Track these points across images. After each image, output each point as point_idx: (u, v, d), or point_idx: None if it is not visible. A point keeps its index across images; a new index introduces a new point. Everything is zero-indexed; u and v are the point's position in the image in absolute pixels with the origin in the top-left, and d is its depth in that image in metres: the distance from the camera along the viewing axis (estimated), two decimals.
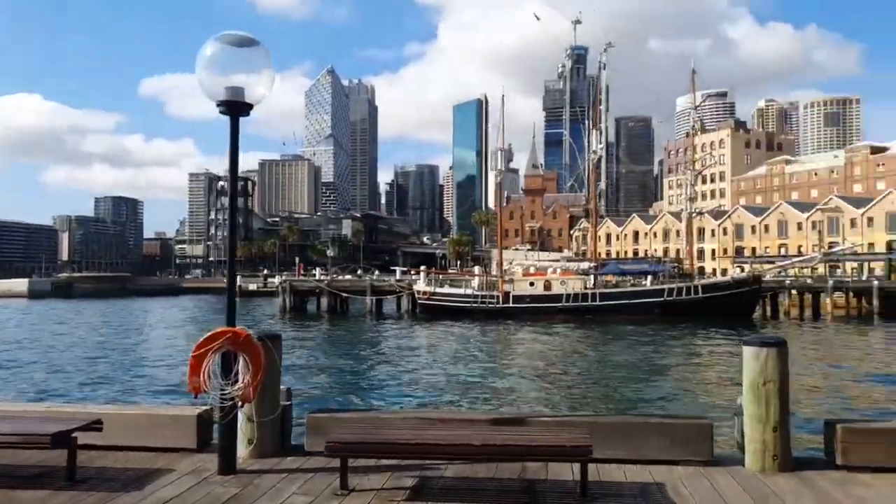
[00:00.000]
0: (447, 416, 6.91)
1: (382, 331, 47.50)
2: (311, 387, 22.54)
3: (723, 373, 26.47)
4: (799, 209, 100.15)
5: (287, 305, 60.44)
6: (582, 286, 55.73)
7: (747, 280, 54.28)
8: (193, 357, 5.30)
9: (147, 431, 6.07)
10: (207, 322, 53.13)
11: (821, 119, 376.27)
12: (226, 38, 5.22)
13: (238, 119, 5.45)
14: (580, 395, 21.85)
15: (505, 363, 29.91)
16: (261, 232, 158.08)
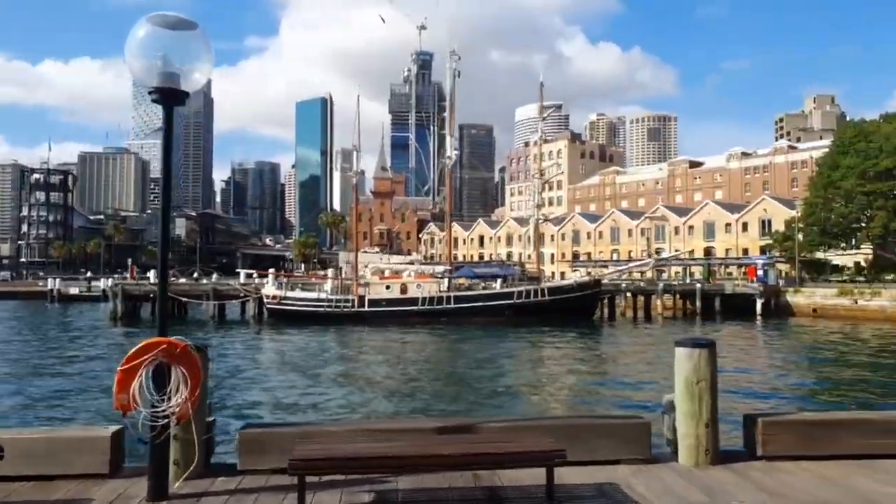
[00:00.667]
0: (392, 426, 6.71)
1: (227, 339, 44.42)
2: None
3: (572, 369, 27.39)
4: (629, 217, 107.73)
5: (118, 311, 54.95)
6: (437, 289, 55.89)
7: (589, 283, 57.09)
8: (122, 371, 4.77)
9: (53, 457, 5.45)
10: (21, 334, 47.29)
11: (644, 134, 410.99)
12: (159, 20, 4.83)
13: (172, 108, 5.03)
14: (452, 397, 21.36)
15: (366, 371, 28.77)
16: (83, 231, 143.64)
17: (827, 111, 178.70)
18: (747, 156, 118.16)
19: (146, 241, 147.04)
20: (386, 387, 24.11)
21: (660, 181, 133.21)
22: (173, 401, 4.90)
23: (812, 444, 5.91)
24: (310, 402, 21.05)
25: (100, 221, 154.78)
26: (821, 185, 58.96)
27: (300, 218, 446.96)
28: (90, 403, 20.02)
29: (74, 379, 25.19)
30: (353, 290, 56.95)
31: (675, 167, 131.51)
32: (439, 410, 19.55)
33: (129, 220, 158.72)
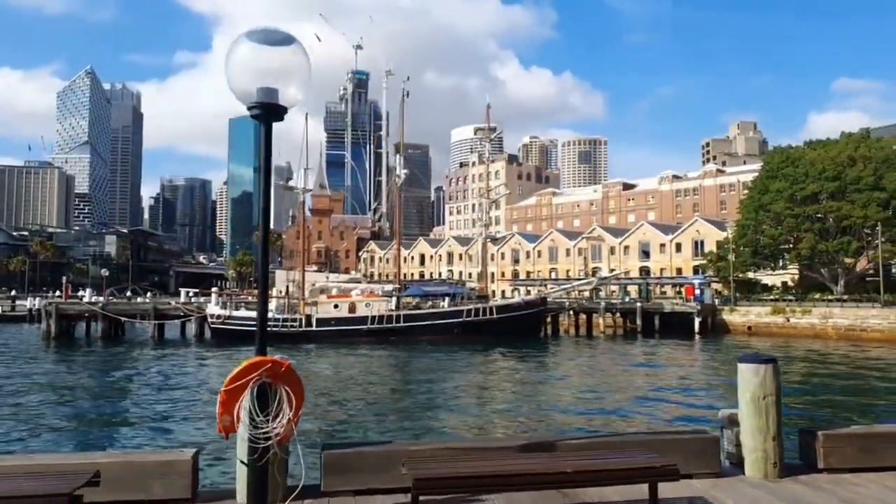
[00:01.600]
0: (483, 444, 6.52)
1: (174, 360, 43.19)
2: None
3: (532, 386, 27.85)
4: (567, 237, 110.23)
5: (51, 332, 52.55)
6: (386, 308, 55.85)
7: (536, 302, 58.34)
8: (225, 392, 4.59)
9: (133, 482, 5.31)
10: None
11: (575, 156, 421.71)
12: (258, 36, 4.77)
13: (271, 124, 4.97)
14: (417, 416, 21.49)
15: (320, 393, 28.49)
16: (4, 247, 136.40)
17: (750, 137, 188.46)
18: (678, 178, 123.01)
19: (73, 259, 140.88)
20: (352, 406, 24.07)
21: (594, 202, 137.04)
22: (277, 421, 4.76)
23: (869, 457, 6.16)
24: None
25: (24, 237, 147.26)
26: (751, 208, 62.04)
27: (231, 235, 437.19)
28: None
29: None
30: (300, 310, 56.34)
31: (609, 189, 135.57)
32: (401, 429, 19.58)
33: (55, 236, 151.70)
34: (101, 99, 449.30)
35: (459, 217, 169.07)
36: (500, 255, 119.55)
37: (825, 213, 55.40)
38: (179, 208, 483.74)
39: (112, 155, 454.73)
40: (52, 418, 21.19)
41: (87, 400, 25.77)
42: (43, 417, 21.29)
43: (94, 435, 19.03)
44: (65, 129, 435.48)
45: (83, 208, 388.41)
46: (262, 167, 5.32)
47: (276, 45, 4.83)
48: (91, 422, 21.12)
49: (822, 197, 55.77)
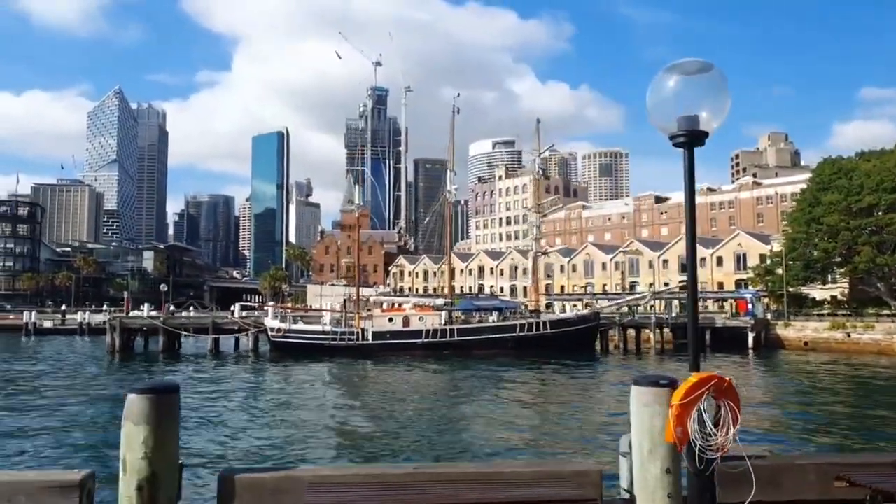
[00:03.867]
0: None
1: (245, 373, 43.91)
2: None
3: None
4: (602, 251, 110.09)
5: (116, 345, 53.62)
6: (439, 322, 56.26)
7: (589, 317, 58.42)
8: (680, 406, 4.66)
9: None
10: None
11: (596, 169, 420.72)
12: (681, 69, 4.96)
13: (693, 150, 5.06)
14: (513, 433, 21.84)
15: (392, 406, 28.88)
16: (49, 263, 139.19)
17: (781, 148, 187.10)
18: (712, 191, 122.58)
19: (112, 274, 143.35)
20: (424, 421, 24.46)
21: (626, 216, 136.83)
22: (723, 435, 4.86)
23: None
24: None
25: (66, 253, 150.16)
26: (802, 221, 61.77)
27: (254, 250, 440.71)
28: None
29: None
30: (354, 323, 56.89)
31: (641, 202, 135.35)
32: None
33: (95, 252, 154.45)
34: (129, 118, 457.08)
35: (486, 231, 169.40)
36: (532, 270, 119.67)
37: (882, 225, 55.01)
38: (203, 224, 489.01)
39: (139, 172, 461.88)
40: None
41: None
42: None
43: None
44: (94, 147, 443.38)
45: (112, 224, 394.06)
46: (688, 192, 5.10)
47: (697, 73, 5.01)
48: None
49: (880, 209, 55.45)
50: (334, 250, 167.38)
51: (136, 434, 4.20)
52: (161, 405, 4.30)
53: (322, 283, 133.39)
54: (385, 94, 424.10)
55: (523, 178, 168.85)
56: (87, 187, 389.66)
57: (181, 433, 4.78)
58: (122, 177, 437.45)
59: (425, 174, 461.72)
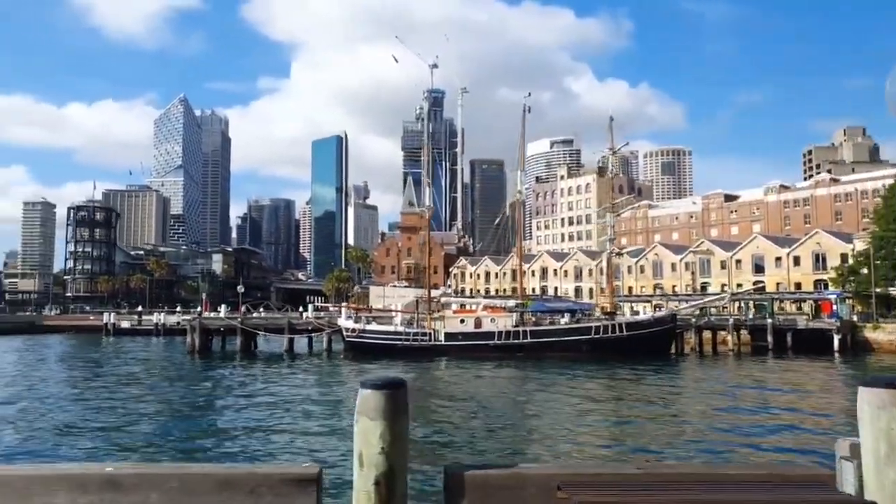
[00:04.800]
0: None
1: (334, 372, 44.40)
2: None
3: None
4: (672, 251, 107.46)
5: (196, 345, 55.09)
6: (512, 323, 55.78)
7: (666, 318, 56.95)
8: None
9: None
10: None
11: (658, 167, 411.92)
12: None
13: None
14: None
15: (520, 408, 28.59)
16: (124, 266, 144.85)
17: (858, 143, 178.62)
18: (786, 189, 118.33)
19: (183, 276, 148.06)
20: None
21: (694, 215, 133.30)
22: None
23: None
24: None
25: (139, 256, 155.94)
26: (891, 218, 58.87)
27: (315, 253, 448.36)
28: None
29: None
30: (426, 324, 56.97)
31: (710, 200, 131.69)
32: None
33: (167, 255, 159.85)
34: (193, 125, 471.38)
35: (548, 232, 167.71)
36: (598, 271, 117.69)
37: None
38: (265, 227, 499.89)
39: (203, 178, 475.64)
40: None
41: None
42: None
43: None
44: (161, 154, 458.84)
45: (178, 228, 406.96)
46: None
47: None
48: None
49: None
50: (395, 252, 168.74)
51: (373, 429, 4.20)
52: (394, 400, 4.29)
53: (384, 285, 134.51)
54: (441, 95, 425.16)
55: (586, 177, 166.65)
56: (154, 192, 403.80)
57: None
58: (187, 182, 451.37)
59: (482, 175, 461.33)
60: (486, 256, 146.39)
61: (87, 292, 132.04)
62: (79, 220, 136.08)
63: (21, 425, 22.20)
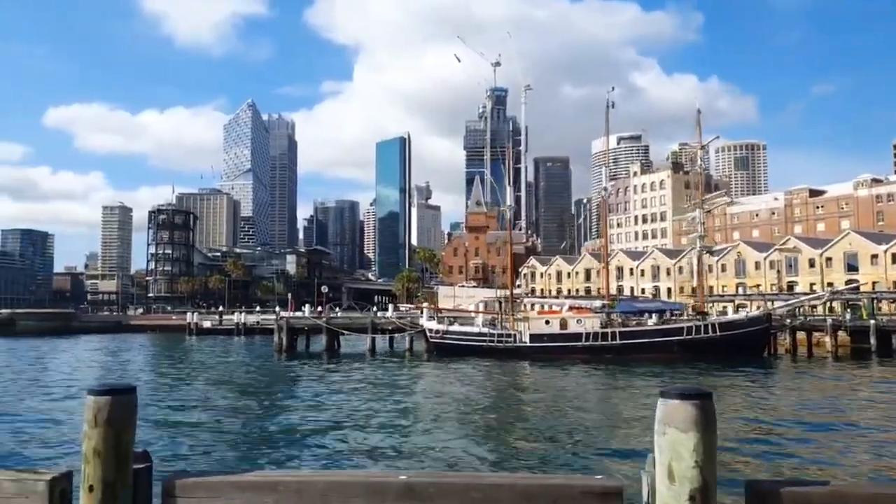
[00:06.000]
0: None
1: (432, 372, 43.87)
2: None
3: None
4: (756, 249, 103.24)
5: (283, 344, 55.78)
6: (599, 324, 54.27)
7: (761, 318, 54.50)
8: None
9: None
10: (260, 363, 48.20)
11: (731, 163, 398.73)
12: None
13: None
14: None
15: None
16: (202, 267, 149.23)
17: None
18: (878, 182, 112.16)
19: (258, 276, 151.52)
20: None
21: (776, 211, 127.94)
22: None
23: None
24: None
25: (216, 258, 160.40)
26: None
27: (379, 253, 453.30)
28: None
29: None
30: (509, 325, 56.03)
31: (793, 196, 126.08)
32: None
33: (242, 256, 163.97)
34: (261, 129, 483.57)
35: (621, 230, 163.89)
36: (676, 270, 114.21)
37: None
38: (331, 229, 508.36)
39: (271, 180, 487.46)
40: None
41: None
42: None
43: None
44: (230, 158, 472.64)
45: (248, 230, 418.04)
46: None
47: None
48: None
49: None
50: (462, 252, 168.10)
51: (684, 441, 3.95)
52: (705, 411, 3.99)
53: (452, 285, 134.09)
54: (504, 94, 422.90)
55: (660, 174, 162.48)
56: (225, 196, 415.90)
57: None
58: (256, 185, 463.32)
59: (546, 173, 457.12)
60: (557, 256, 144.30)
61: (168, 293, 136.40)
62: (159, 223, 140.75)
63: (220, 434, 21.15)
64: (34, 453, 17.68)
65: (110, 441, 4.13)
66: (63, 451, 17.56)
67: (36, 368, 46.09)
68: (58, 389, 32.31)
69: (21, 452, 17.80)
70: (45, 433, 20.70)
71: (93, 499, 4.11)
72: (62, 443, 18.86)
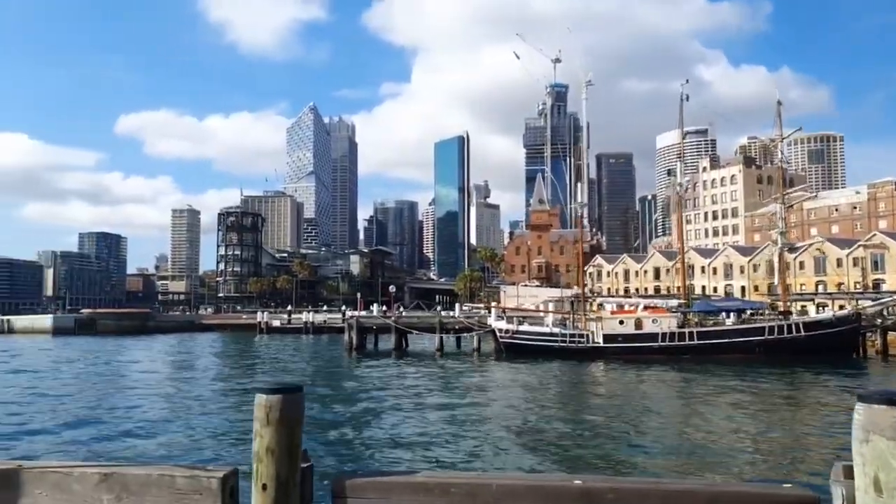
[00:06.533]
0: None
1: (516, 374, 43.02)
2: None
3: None
4: (838, 245, 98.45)
5: (353, 343, 56.00)
6: (675, 324, 52.32)
7: (849, 317, 51.67)
8: None
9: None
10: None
11: (805, 156, 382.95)
12: None
13: None
14: None
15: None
16: (269, 267, 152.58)
17: None
18: None
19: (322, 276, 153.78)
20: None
21: (857, 205, 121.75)
22: None
23: None
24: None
25: (284, 259, 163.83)
26: None
27: (438, 253, 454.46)
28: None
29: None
30: (580, 325, 54.70)
31: (877, 189, 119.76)
32: None
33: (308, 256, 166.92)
34: (322, 132, 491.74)
35: (690, 227, 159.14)
36: (750, 268, 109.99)
37: None
38: (391, 229, 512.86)
39: (333, 182, 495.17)
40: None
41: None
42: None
43: None
44: (293, 161, 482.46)
45: (311, 231, 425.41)
46: None
47: None
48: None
49: None
50: (525, 251, 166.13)
51: (892, 450, 3.67)
52: None
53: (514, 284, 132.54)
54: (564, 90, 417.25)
55: (731, 168, 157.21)
56: (288, 198, 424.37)
57: None
58: (318, 187, 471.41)
59: (608, 170, 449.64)
60: (624, 254, 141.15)
61: (237, 293, 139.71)
62: (228, 225, 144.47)
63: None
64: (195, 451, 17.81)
65: (283, 440, 4.15)
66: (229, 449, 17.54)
67: (154, 365, 47.41)
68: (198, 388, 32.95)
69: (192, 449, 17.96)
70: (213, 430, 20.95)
71: (266, 497, 4.13)
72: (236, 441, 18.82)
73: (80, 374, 41.66)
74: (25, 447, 18.21)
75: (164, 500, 4.19)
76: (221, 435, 20.34)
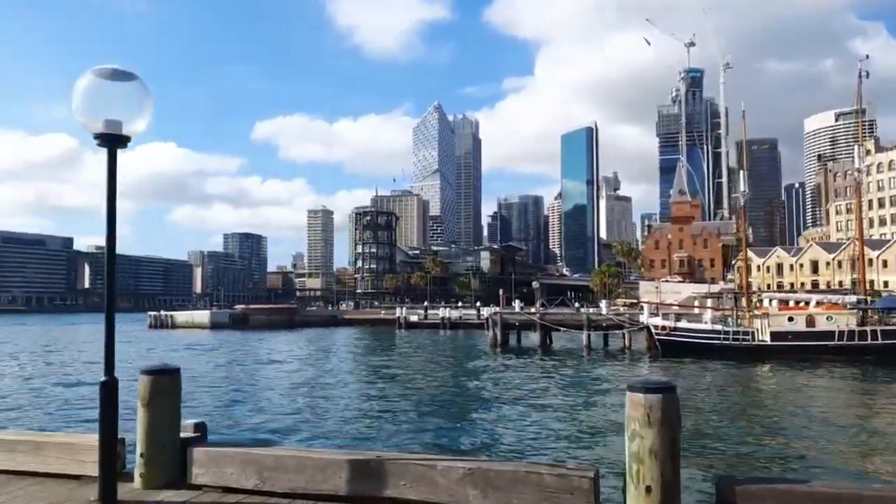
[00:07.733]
0: None
1: (702, 374, 40.27)
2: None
3: None
4: None
5: (497, 339, 55.28)
6: (854, 322, 47.15)
7: None
8: None
9: None
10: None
11: None
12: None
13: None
14: None
15: None
16: (403, 264, 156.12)
17: None
18: None
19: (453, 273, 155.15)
20: None
21: None
22: None
23: None
24: None
25: (416, 256, 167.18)
26: None
27: (565, 248, 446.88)
28: None
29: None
30: (744, 322, 50.60)
31: None
32: None
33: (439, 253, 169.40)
34: (447, 130, 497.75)
35: (850, 216, 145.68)
36: None
37: None
38: (515, 225, 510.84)
39: (457, 179, 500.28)
40: None
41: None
42: None
43: None
44: (419, 160, 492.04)
45: (436, 228, 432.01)
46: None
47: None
48: None
49: None
50: (665, 245, 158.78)
51: None
52: None
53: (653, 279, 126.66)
54: (700, 75, 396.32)
55: (892, 152, 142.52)
56: (415, 196, 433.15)
57: None
58: (443, 185, 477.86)
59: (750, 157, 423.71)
60: (777, 247, 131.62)
61: (374, 289, 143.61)
62: (364, 223, 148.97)
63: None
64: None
65: (665, 441, 4.06)
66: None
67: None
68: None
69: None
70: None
71: (651, 500, 4.01)
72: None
73: (335, 366, 43.05)
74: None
75: (531, 499, 4.07)
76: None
